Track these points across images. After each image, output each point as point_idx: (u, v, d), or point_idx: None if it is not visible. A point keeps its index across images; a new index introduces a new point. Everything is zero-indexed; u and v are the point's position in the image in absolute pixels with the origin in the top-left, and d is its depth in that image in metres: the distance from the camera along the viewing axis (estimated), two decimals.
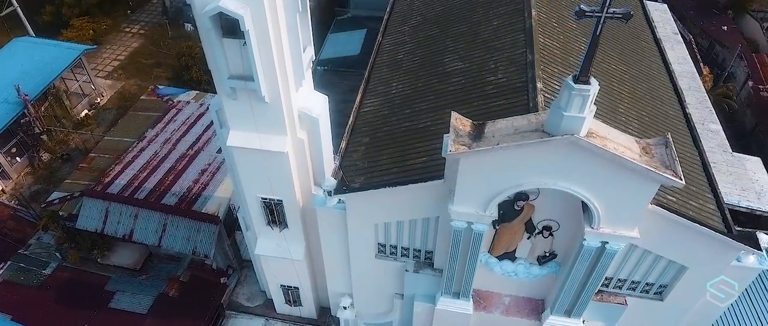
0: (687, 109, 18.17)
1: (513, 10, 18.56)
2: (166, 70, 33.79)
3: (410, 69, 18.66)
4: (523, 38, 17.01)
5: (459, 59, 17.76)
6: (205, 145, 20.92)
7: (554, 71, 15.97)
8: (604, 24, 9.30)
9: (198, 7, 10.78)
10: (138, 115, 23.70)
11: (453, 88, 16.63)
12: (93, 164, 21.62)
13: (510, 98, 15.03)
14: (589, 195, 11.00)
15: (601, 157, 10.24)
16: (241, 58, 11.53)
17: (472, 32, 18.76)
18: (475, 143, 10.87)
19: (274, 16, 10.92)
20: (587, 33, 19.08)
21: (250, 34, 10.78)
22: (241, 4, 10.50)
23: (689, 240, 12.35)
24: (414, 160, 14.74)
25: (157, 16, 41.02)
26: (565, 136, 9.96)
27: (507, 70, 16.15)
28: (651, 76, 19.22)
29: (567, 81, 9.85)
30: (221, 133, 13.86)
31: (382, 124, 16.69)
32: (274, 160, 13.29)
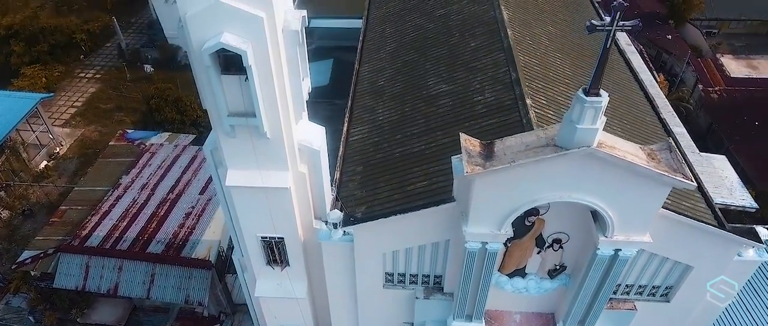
0: (661, 115, 18.76)
1: (489, 31, 18.84)
2: (129, 114, 32.57)
3: (394, 94, 18.55)
4: (503, 57, 17.23)
5: (443, 82, 17.79)
6: (186, 188, 20.06)
7: (539, 87, 16.20)
8: (613, 37, 9.37)
9: (196, 45, 10.34)
10: (108, 162, 22.57)
11: (442, 110, 16.59)
12: (65, 217, 20.31)
13: (502, 116, 15.09)
14: (603, 205, 11.02)
15: (616, 166, 10.28)
16: (241, 94, 11.10)
17: (452, 55, 18.89)
18: (488, 162, 10.75)
19: (275, 49, 10.59)
20: (560, 49, 19.66)
21: (253, 69, 10.39)
22: (243, 39, 10.14)
23: (694, 240, 12.55)
24: (414, 184, 14.51)
25: (113, 60, 39.72)
26: (582, 148, 9.96)
27: (493, 89, 16.26)
28: (623, 85, 19.82)
29: (578, 94, 9.91)
30: (217, 173, 13.26)
31: (375, 152, 16.42)
32: (276, 197, 12.78)
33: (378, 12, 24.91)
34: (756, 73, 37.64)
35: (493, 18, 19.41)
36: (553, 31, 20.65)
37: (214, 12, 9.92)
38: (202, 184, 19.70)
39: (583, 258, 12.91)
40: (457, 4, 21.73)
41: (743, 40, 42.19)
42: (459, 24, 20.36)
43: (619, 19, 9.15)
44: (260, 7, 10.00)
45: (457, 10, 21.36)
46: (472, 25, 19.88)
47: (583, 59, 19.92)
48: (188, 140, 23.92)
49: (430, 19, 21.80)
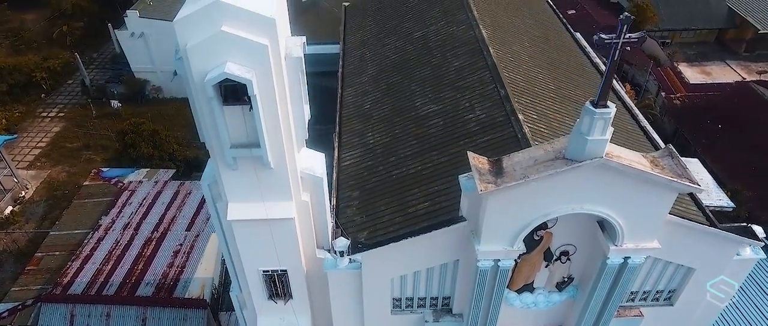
0: (641, 123, 19.21)
1: (471, 50, 19.00)
2: (99, 152, 31.28)
3: (382, 117, 18.39)
4: (489, 75, 17.36)
5: (431, 102, 17.75)
6: (172, 225, 19.21)
7: (527, 102, 16.34)
8: (619, 51, 9.48)
9: (197, 76, 9.92)
10: (85, 203, 21.47)
11: (434, 130, 16.50)
12: (42, 264, 19.12)
13: (496, 133, 15.11)
14: (613, 214, 11.04)
15: (626, 175, 10.34)
16: (244, 124, 10.68)
17: (436, 75, 18.93)
18: (499, 179, 10.64)
19: (279, 77, 10.27)
20: (539, 65, 19.98)
21: (257, 99, 10.02)
22: (246, 68, 9.78)
23: (696, 242, 12.70)
24: (415, 206, 14.29)
25: (77, 97, 38.29)
26: (594, 159, 9.97)
27: (483, 107, 16.31)
28: None
29: (587, 107, 9.95)
30: (216, 208, 12.70)
31: (370, 175, 16.15)
32: (280, 229, 12.29)
33: (354, 37, 24.88)
34: (710, 78, 39.35)
35: (474, 37, 19.62)
36: (530, 48, 21.01)
37: (216, 42, 9.54)
38: (188, 220, 18.91)
39: (591, 268, 12.89)
40: (435, 26, 21.91)
41: (694, 48, 44.19)
42: (439, 45, 20.48)
43: (625, 32, 9.26)
44: (264, 35, 9.69)
45: (436, 31, 21.52)
46: (452, 45, 20.02)
47: (561, 73, 20.30)
48: (168, 175, 23.06)
49: (409, 41, 21.88)
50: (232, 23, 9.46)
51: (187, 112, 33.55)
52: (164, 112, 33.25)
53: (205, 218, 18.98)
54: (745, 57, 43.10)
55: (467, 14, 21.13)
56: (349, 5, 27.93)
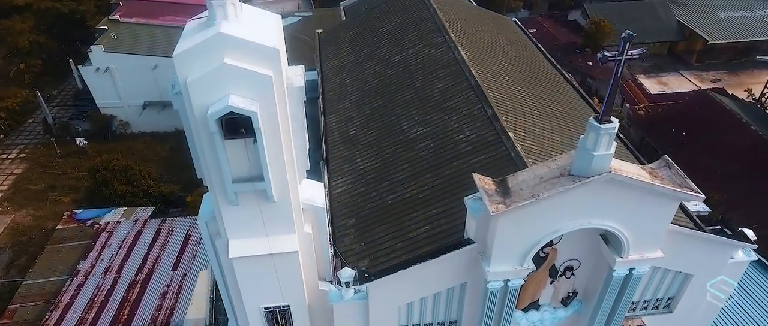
0: (620, 135, 19.63)
1: (453, 72, 19.14)
2: (66, 192, 29.84)
3: (369, 142, 18.20)
4: (474, 95, 17.48)
5: (418, 125, 17.70)
6: (157, 266, 18.32)
7: (514, 120, 16.48)
8: (623, 67, 9.63)
9: (198, 111, 9.53)
10: (60, 248, 20.29)
11: (425, 153, 16.41)
12: (17, 317, 17.86)
13: (489, 152, 15.13)
14: (619, 226, 11.09)
15: (632, 188, 10.42)
16: (247, 158, 10.30)
17: (420, 97, 18.93)
18: (507, 199, 10.56)
19: (282, 107, 9.98)
20: (519, 83, 20.27)
21: (262, 131, 9.69)
22: (250, 100, 9.47)
23: (693, 249, 12.89)
24: (415, 231, 14.09)
25: (39, 136, 36.63)
26: (603, 174, 10.02)
27: (473, 127, 16.35)
28: (582, 111, 20.66)
29: (591, 123, 10.03)
30: (214, 246, 12.17)
31: (364, 202, 15.87)
32: (283, 263, 11.84)
33: (331, 63, 24.75)
34: (668, 89, 40.93)
35: (454, 59, 19.78)
36: (508, 67, 21.34)
37: (218, 75, 9.21)
38: (173, 259, 18.08)
39: (595, 281, 12.89)
40: (413, 49, 22.02)
41: (650, 60, 45.95)
42: (420, 67, 20.56)
43: (627, 49, 9.42)
44: (267, 65, 9.42)
45: (414, 54, 21.63)
46: (433, 67, 20.12)
47: (539, 90, 20.65)
48: (147, 213, 22.12)
49: (388, 65, 21.89)
50: (235, 55, 9.17)
51: (157, 146, 32.69)
52: (134, 148, 32.16)
53: (191, 256, 18.21)
54: (696, 67, 45.12)
55: (444, 37, 21.35)
56: (322, 32, 27.87)
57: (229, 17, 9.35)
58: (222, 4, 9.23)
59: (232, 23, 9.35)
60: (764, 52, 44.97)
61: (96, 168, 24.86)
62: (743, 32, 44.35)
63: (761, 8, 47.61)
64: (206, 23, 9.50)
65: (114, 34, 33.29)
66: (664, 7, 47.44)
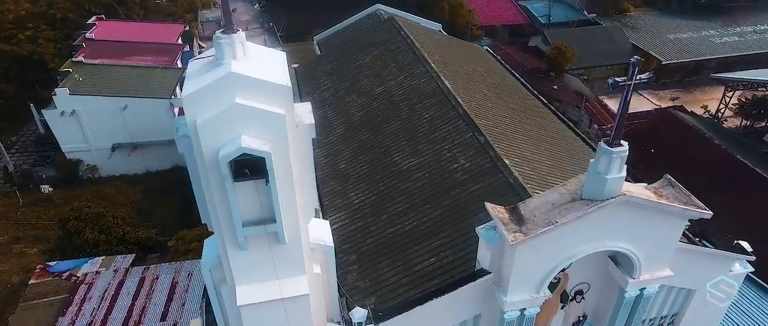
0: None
1: (439, 102, 19.19)
2: (32, 244, 28.07)
3: (361, 176, 17.90)
4: (464, 124, 17.52)
5: (409, 156, 17.55)
6: (143, 317, 17.21)
7: (507, 147, 16.56)
8: (632, 91, 9.76)
9: (208, 153, 9.07)
10: (34, 304, 18.86)
11: (420, 183, 16.23)
12: None
13: (486, 180, 15.07)
14: (631, 247, 11.10)
15: (644, 209, 10.48)
16: (257, 200, 9.84)
17: (408, 128, 18.85)
18: (523, 227, 10.43)
19: (295, 146, 9.63)
20: (502, 109, 20.48)
21: (274, 172, 9.29)
22: (262, 140, 9.09)
23: (695, 264, 13.03)
24: (420, 264, 13.79)
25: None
26: (618, 197, 10.04)
27: (466, 155, 16.32)
28: (565, 134, 21.01)
29: (603, 147, 10.10)
30: (219, 293, 11.52)
31: (363, 237, 15.48)
32: (294, 307, 11.24)
33: (311, 97, 24.48)
34: (629, 108, 42.28)
35: (438, 89, 19.88)
36: (490, 94, 21.60)
37: (230, 115, 8.81)
38: (161, 309, 17.03)
39: (604, 303, 12.82)
40: (395, 81, 22.05)
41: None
42: (404, 98, 20.55)
43: (636, 73, 9.56)
44: (279, 104, 9.09)
45: (397, 85, 21.65)
46: (418, 97, 20.15)
47: (522, 115, 20.94)
48: (128, 261, 20.95)
49: (371, 97, 21.81)
50: (246, 94, 8.81)
51: (129, 190, 31.33)
52: (103, 192, 30.76)
53: (180, 304, 17.23)
54: (653, 86, 46.97)
55: (425, 67, 21.49)
56: (298, 67, 27.67)
57: (237, 56, 9.03)
58: (230, 43, 8.91)
59: (241, 62, 9.02)
60: (713, 69, 47.36)
61: (66, 218, 23.51)
62: (693, 52, 46.68)
63: (706, 30, 50.40)
64: (213, 63, 9.13)
65: (79, 76, 32.13)
66: (618, 31, 49.57)
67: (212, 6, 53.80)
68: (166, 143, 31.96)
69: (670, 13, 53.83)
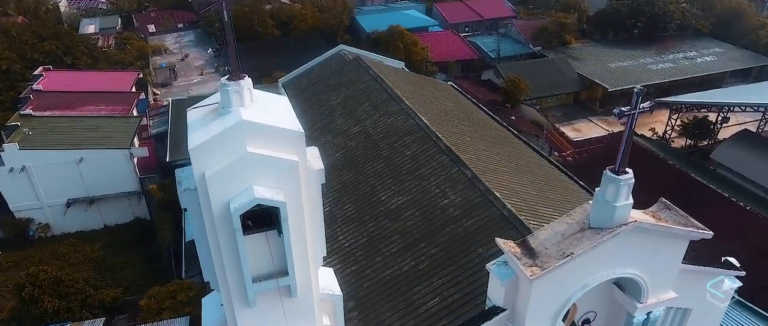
0: (579, 182, 20.44)
1: (420, 138, 19.14)
2: None
3: (349, 218, 17.44)
4: (448, 159, 17.49)
5: (396, 194, 17.28)
6: None
7: (494, 179, 16.59)
8: (635, 120, 9.95)
9: (218, 207, 8.51)
10: None
11: (412, 222, 15.94)
12: None
13: (480, 214, 14.97)
14: (639, 272, 11.13)
15: (652, 234, 10.58)
16: (269, 252, 9.27)
17: (391, 166, 18.63)
18: (537, 260, 10.30)
19: (306, 194, 9.19)
20: (480, 142, 20.65)
21: (288, 222, 8.81)
22: (275, 189, 8.62)
23: (692, 283, 13.25)
24: (424, 305, 13.37)
25: None
26: (630, 223, 10.10)
27: (455, 190, 16.21)
28: (539, 164, 21.35)
29: (609, 175, 10.19)
30: None
31: (359, 281, 14.94)
32: None
33: None
34: (582, 134, 44.01)
35: (417, 126, 19.87)
36: (465, 128, 21.80)
37: (241, 165, 8.32)
38: None
39: None
40: (370, 119, 21.92)
41: (560, 110, 49.53)
42: (383, 137, 20.40)
43: (639, 103, 9.77)
44: (292, 150, 8.69)
45: (373, 124, 21.51)
46: (397, 135, 20.05)
47: (497, 147, 21.17)
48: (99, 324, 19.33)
49: (348, 137, 21.54)
50: (258, 142, 8.37)
51: (86, 247, 29.29)
52: (59, 252, 28.59)
53: None
54: (600, 113, 49.14)
55: (400, 105, 21.51)
56: None
57: (245, 103, 8.61)
58: (238, 90, 8.50)
59: (250, 109, 8.60)
60: (652, 94, 50.10)
61: (21, 285, 21.48)
62: (634, 79, 49.30)
63: (643, 58, 53.54)
64: (218, 111, 8.66)
65: (28, 130, 30.22)
66: (564, 62, 51.86)
67: (163, 52, 52.58)
68: (126, 195, 30.35)
69: (608, 44, 56.96)
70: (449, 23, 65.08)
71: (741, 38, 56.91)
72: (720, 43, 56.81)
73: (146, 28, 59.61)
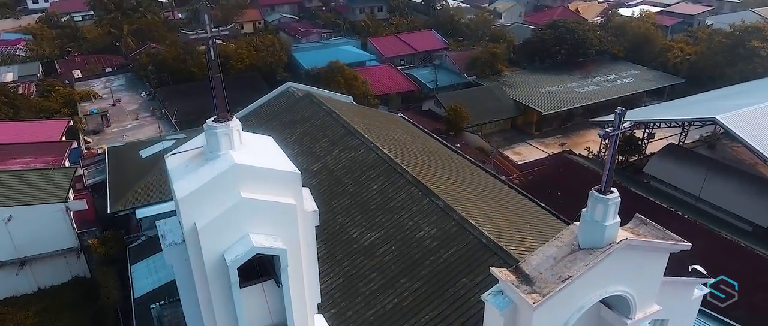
0: (541, 204, 20.82)
1: (385, 171, 18.86)
2: None
3: (321, 258, 16.66)
4: (417, 190, 17.29)
5: (368, 230, 16.81)
6: None
7: (466, 208, 16.52)
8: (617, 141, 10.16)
9: (211, 260, 7.79)
10: None
11: (389, 257, 15.49)
12: None
13: (458, 243, 14.77)
14: (628, 289, 11.24)
15: (641, 250, 10.74)
16: (265, 304, 8.58)
17: (359, 202, 18.17)
18: (535, 287, 10.16)
19: (304, 237, 8.63)
20: (440, 170, 20.64)
21: (287, 270, 8.19)
22: (272, 236, 8.01)
23: (669, 295, 13.58)
24: None
25: None
26: (621, 241, 10.19)
27: (429, 221, 15.98)
28: (499, 188, 21.59)
29: (596, 196, 10.30)
30: None
31: (341, 325, 14.19)
32: None
33: None
34: (524, 157, 45.48)
35: (380, 159, 19.61)
36: (425, 159, 21.76)
37: (236, 213, 7.68)
38: None
39: None
40: (330, 155, 21.43)
41: (500, 135, 51.09)
42: (346, 172, 19.95)
43: (621, 123, 10.00)
44: (289, 193, 8.16)
45: (334, 160, 21.03)
46: (360, 169, 19.68)
47: (460, 175, 21.25)
48: None
49: (309, 175, 20.89)
50: (252, 187, 7.79)
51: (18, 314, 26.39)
52: None
53: None
54: (537, 135, 51.16)
55: (360, 139, 21.21)
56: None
57: (235, 146, 8.01)
58: (227, 131, 7.91)
59: (240, 151, 8.01)
60: (581, 116, 52.91)
61: None
62: (564, 102, 51.88)
63: (569, 82, 56.57)
64: (206, 156, 8.01)
65: None
66: (499, 90, 53.82)
67: (93, 98, 49.67)
68: (63, 253, 27.78)
69: (537, 71, 59.78)
70: (385, 57, 66.10)
71: (652, 60, 61.58)
72: (634, 65, 61.15)
73: (71, 73, 56.23)
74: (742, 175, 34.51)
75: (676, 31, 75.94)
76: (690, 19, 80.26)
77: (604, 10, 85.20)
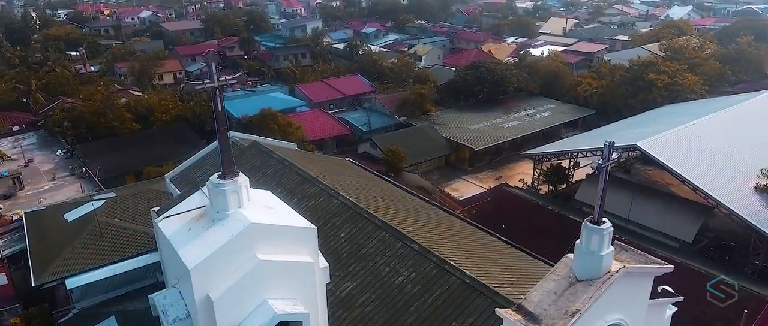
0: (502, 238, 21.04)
1: (351, 217, 18.28)
2: None
3: None
4: (388, 234, 16.86)
5: (343, 280, 16.05)
6: None
7: (441, 248, 16.25)
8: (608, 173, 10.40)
9: None
10: None
11: (370, 307, 14.79)
12: None
13: (441, 286, 14.42)
14: (624, 316, 11.35)
15: (635, 276, 10.93)
16: None
17: (328, 251, 17.30)
18: (542, 324, 9.99)
19: (321, 298, 7.94)
20: (405, 213, 20.32)
21: None
22: (291, 300, 7.29)
23: (648, 317, 13.94)
24: None
25: None
26: (620, 270, 10.31)
27: (407, 265, 15.54)
28: (461, 225, 21.58)
29: (591, 227, 10.43)
30: None
31: None
32: None
33: None
34: (461, 193, 46.35)
35: (343, 205, 19.03)
36: (385, 201, 21.41)
37: (253, 279, 6.93)
38: None
39: None
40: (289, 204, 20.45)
41: (436, 173, 51.95)
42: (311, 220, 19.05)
43: (609, 157, 10.26)
44: (306, 250, 7.51)
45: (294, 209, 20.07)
46: (325, 218, 18.94)
47: (423, 216, 21.06)
48: None
49: None
50: (268, 247, 7.08)
51: None
52: None
53: None
54: (470, 171, 52.58)
55: (318, 185, 20.52)
56: (158, 210, 24.00)
57: (243, 203, 7.30)
58: (236, 189, 7.20)
59: (250, 209, 7.29)
60: (509, 149, 55.23)
61: None
62: (493, 138, 53.95)
63: (494, 118, 59.11)
64: (211, 216, 7.22)
65: None
66: (430, 129, 55.09)
67: (1, 159, 44.92)
68: None
69: (462, 110, 62.00)
70: (315, 103, 65.86)
71: (564, 95, 66.04)
72: (550, 100, 65.22)
73: None
74: (664, 196, 37.19)
75: (580, 67, 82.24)
76: (591, 56, 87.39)
77: (515, 50, 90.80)
